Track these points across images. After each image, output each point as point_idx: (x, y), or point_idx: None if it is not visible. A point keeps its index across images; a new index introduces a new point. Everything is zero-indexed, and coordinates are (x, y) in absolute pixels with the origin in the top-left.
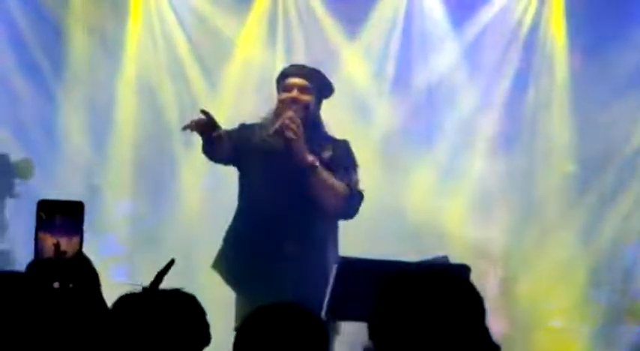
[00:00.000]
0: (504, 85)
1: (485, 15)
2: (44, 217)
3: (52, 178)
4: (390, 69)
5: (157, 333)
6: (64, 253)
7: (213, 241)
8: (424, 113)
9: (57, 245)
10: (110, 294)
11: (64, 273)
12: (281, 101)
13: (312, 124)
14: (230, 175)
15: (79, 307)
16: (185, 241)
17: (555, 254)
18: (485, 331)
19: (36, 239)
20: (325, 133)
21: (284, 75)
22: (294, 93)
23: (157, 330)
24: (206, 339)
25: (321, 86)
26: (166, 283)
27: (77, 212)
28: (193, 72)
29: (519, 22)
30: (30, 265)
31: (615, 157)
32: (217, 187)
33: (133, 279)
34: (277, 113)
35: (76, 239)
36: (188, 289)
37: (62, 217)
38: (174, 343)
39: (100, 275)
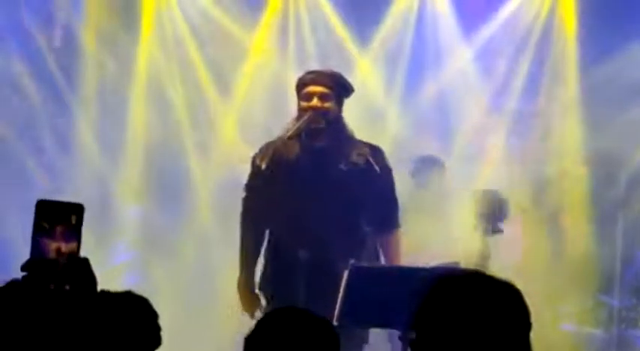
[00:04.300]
0: (516, 89)
1: (497, 20)
2: (46, 219)
3: (65, 184)
4: (402, 74)
5: (106, 335)
6: (65, 255)
7: (225, 244)
8: (436, 118)
9: (59, 249)
10: None
11: (61, 274)
12: (301, 110)
13: (336, 129)
14: (244, 177)
15: (75, 309)
16: (198, 245)
17: (568, 258)
18: (527, 346)
19: (35, 241)
20: (352, 136)
21: (302, 83)
22: (314, 101)
23: (106, 332)
24: (156, 342)
25: (340, 89)
26: (179, 285)
27: (77, 214)
28: (205, 78)
29: (531, 27)
30: (25, 266)
31: (628, 160)
32: (230, 189)
33: (145, 283)
34: (297, 119)
35: (75, 241)
36: (200, 290)
37: (63, 219)
38: (123, 345)
39: (112, 280)
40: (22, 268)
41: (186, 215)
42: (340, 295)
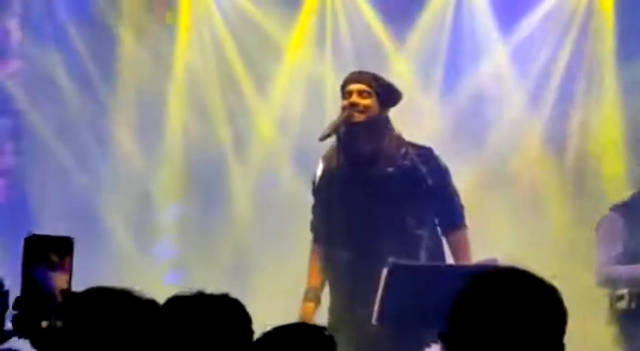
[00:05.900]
0: (554, 85)
1: (535, 15)
2: (55, 252)
3: (104, 184)
4: (439, 71)
5: (201, 336)
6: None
7: (264, 244)
8: (473, 116)
9: (69, 282)
10: (165, 298)
11: (54, 311)
12: (342, 108)
13: (377, 129)
14: (282, 177)
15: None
16: (238, 243)
17: None
18: (561, 347)
19: (42, 276)
20: (398, 137)
21: (344, 83)
22: (353, 97)
23: (202, 333)
24: (249, 345)
25: (382, 90)
26: (219, 285)
27: (72, 246)
28: (242, 75)
29: (569, 22)
30: (19, 303)
31: None
32: (269, 189)
33: (186, 282)
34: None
35: (67, 275)
36: (239, 290)
37: (68, 252)
38: (218, 348)
39: (154, 279)
40: (15, 307)
41: (225, 214)
42: (379, 294)
